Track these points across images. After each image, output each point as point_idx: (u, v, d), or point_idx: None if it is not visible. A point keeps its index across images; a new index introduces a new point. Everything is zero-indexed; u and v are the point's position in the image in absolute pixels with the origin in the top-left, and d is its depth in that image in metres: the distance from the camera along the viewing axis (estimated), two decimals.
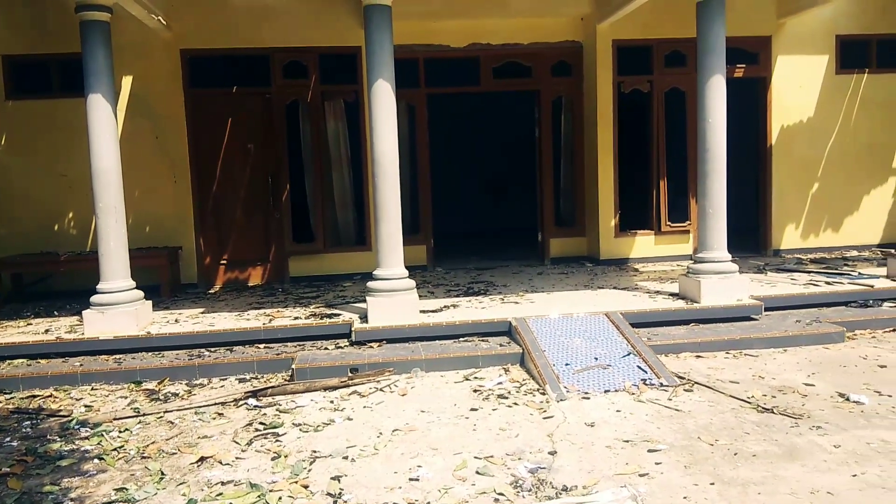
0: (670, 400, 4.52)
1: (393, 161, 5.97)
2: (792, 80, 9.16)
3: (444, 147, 13.89)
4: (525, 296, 7.00)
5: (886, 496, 3.13)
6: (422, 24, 8.74)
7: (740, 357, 5.48)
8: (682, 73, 8.86)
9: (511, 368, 5.34)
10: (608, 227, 9.12)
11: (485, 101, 13.50)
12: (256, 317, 6.47)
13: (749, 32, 8.95)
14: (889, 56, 9.26)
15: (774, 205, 9.29)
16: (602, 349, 5.38)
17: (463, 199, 14.54)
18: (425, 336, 5.85)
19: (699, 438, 3.86)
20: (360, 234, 8.95)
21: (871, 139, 9.35)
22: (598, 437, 3.91)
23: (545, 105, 9.36)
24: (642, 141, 9.23)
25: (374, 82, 5.91)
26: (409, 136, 9.12)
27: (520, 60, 9.18)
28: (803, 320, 6.10)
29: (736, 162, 9.55)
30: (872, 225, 9.48)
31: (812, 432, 3.90)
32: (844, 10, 9.06)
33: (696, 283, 6.29)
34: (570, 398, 4.61)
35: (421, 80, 9.00)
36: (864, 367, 5.09)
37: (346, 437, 4.06)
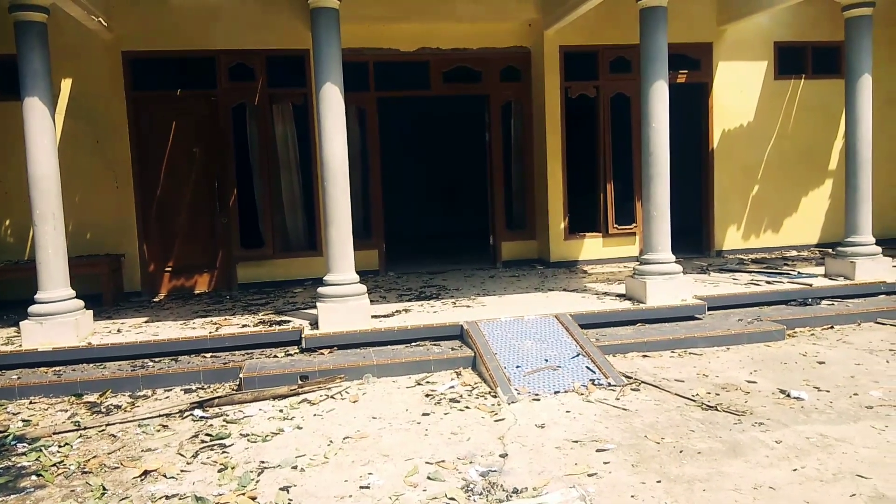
0: (618, 399, 4.59)
1: (342, 165, 5.92)
2: (732, 86, 9.45)
3: (396, 151, 13.92)
4: (477, 299, 7.03)
5: (824, 488, 3.24)
6: (371, 27, 8.71)
7: (685, 356, 5.61)
8: (627, 79, 9.04)
9: (463, 372, 5.36)
10: (558, 230, 9.23)
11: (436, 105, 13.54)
12: (203, 325, 6.32)
13: (691, 39, 9.20)
14: (824, 62, 9.63)
15: (717, 207, 9.57)
16: (552, 351, 5.43)
17: (416, 203, 14.54)
18: (377, 341, 5.82)
19: (646, 437, 3.93)
20: (311, 238, 8.85)
21: (809, 143, 9.71)
22: (549, 439, 3.95)
23: (495, 109, 9.43)
24: (590, 145, 9.38)
25: (322, 85, 5.86)
26: (360, 139, 9.08)
27: (469, 65, 9.23)
28: (745, 319, 6.29)
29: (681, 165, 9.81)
30: (810, 226, 9.84)
31: (754, 428, 4.01)
32: (781, 18, 9.40)
33: (642, 284, 6.42)
34: (521, 400, 4.64)
35: (371, 84, 8.96)
36: (803, 364, 5.27)
37: (295, 446, 4.00)
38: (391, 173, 13.39)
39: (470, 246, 11.38)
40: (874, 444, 3.71)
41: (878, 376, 4.89)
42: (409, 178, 14.60)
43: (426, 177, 14.84)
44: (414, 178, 14.68)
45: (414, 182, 14.68)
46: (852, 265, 7.06)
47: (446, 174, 14.86)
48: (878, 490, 3.18)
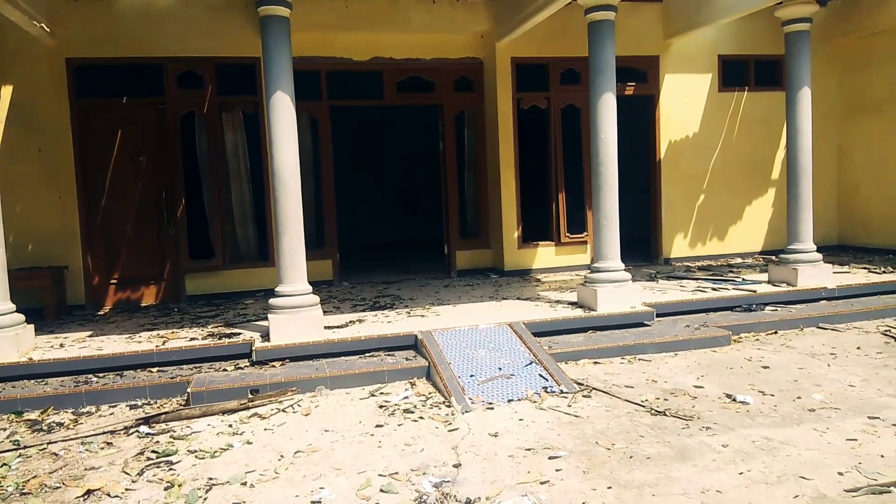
0: (570, 406, 4.64)
1: (294, 174, 5.86)
2: (678, 98, 9.71)
3: (351, 160, 13.87)
4: (431, 308, 7.03)
5: (769, 491, 3.33)
6: (323, 36, 8.67)
7: (634, 362, 5.72)
8: (576, 91, 9.19)
9: (417, 382, 5.34)
10: (511, 239, 9.31)
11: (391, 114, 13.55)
12: (149, 339, 6.16)
13: (638, 52, 9.41)
14: (766, 75, 9.97)
15: (664, 216, 9.79)
16: (506, 359, 5.47)
17: (371, 212, 14.50)
18: (330, 353, 5.76)
19: (597, 443, 3.98)
20: (262, 249, 8.72)
21: (752, 153, 10.02)
22: (502, 447, 3.97)
23: (448, 119, 9.48)
24: (542, 155, 9.50)
25: (272, 94, 5.80)
26: (313, 148, 9.01)
27: (423, 75, 9.26)
28: (692, 325, 6.44)
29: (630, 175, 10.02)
30: (754, 233, 10.15)
31: (702, 433, 4.10)
32: (725, 32, 9.70)
33: (593, 292, 6.52)
34: (475, 409, 4.65)
35: (323, 93, 8.90)
36: (748, 369, 5.42)
37: (245, 461, 3.92)
38: (346, 182, 13.41)
39: (425, 255, 11.38)
40: (816, 446, 3.83)
41: (819, 380, 5.06)
42: (365, 187, 14.56)
43: (381, 186, 14.82)
44: (369, 187, 14.65)
45: (369, 191, 14.64)
46: (794, 272, 7.30)
47: (402, 183, 14.87)
48: (819, 491, 3.29)
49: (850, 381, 4.98)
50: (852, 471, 3.48)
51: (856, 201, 10.19)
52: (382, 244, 13.90)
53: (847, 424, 4.14)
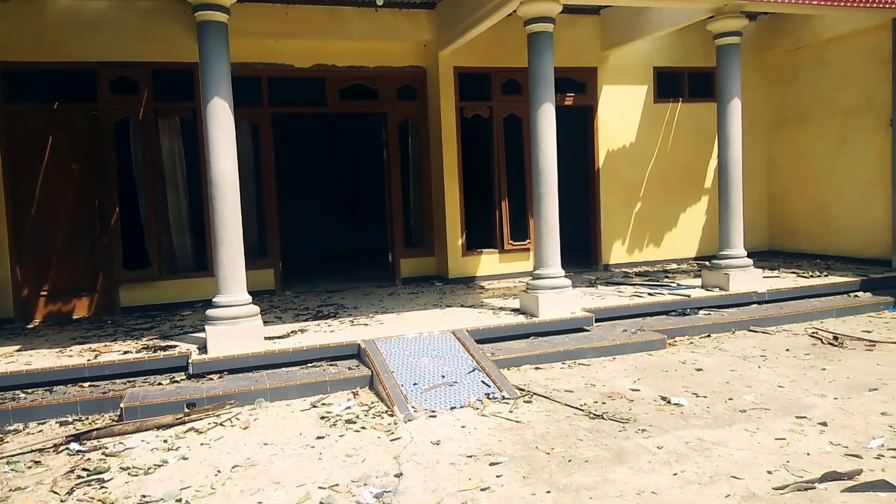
0: (511, 412, 4.69)
1: (232, 182, 5.76)
2: (616, 108, 9.96)
3: (295, 167, 13.72)
4: (375, 317, 7.00)
5: (702, 491, 3.43)
6: (263, 42, 8.57)
7: (574, 366, 5.82)
8: (518, 101, 9.31)
9: (360, 392, 5.30)
10: (456, 247, 9.36)
11: (335, 122, 13.49)
12: (81, 353, 5.93)
13: (577, 63, 9.62)
14: (699, 87, 10.32)
15: (603, 223, 10.01)
16: (449, 367, 5.49)
17: (316, 221, 14.35)
18: (271, 364, 5.66)
19: (537, 448, 4.03)
20: (201, 258, 8.52)
21: (686, 162, 10.35)
22: (444, 455, 3.98)
23: (392, 127, 9.48)
24: (486, 163, 9.59)
25: (209, 100, 5.69)
26: (254, 155, 8.87)
27: (366, 83, 9.24)
28: (629, 329, 6.60)
29: (571, 183, 10.23)
30: (689, 240, 10.47)
31: (638, 435, 4.20)
32: (660, 45, 10.00)
33: (535, 299, 6.61)
34: (418, 418, 4.65)
35: (264, 99, 8.79)
36: (683, 372, 5.59)
37: (180, 478, 3.82)
38: (289, 190, 13.23)
39: (370, 263, 11.33)
40: (747, 446, 3.97)
41: (750, 381, 5.25)
42: (309, 195, 14.41)
43: (326, 194, 14.70)
44: (314, 195, 14.50)
45: (314, 199, 14.49)
46: (726, 277, 7.56)
47: (347, 191, 14.78)
48: (749, 490, 3.41)
49: (779, 382, 5.18)
50: (781, 469, 3.62)
51: (785, 208, 10.64)
52: (327, 253, 13.77)
53: (776, 424, 4.30)
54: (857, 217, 9.31)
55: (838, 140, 9.55)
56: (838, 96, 9.51)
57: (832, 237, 9.75)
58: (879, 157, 8.90)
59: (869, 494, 3.28)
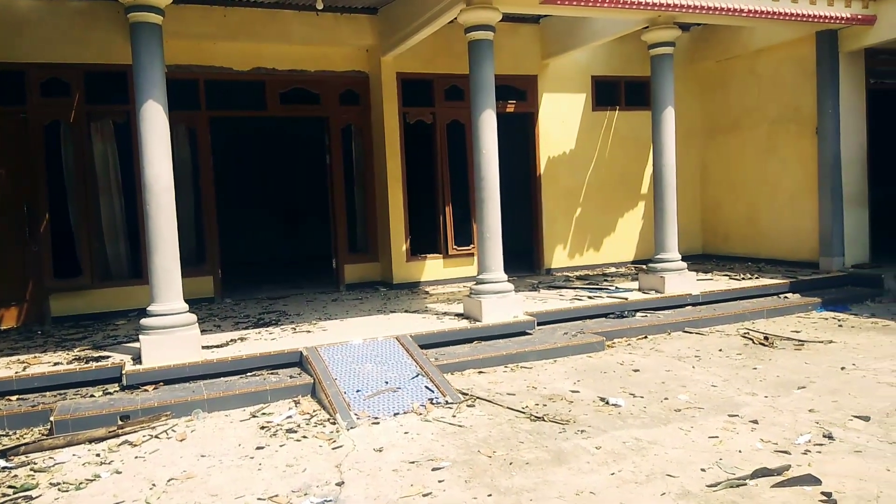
0: (454, 417, 4.71)
1: (167, 187, 5.62)
2: (556, 116, 10.14)
3: (236, 172, 13.46)
4: (318, 324, 6.93)
5: (639, 490, 3.52)
6: (201, 44, 8.40)
7: (517, 370, 5.88)
8: (460, 107, 9.36)
9: (302, 400, 5.23)
10: (400, 252, 9.35)
11: (278, 126, 13.29)
12: (8, 364, 5.67)
13: (518, 71, 9.76)
14: (635, 96, 10.60)
15: (545, 228, 10.17)
16: (393, 373, 5.47)
17: (258, 226, 14.11)
18: (209, 374, 5.53)
19: (479, 452, 4.06)
20: (135, 266, 8.26)
21: (623, 169, 10.62)
22: (386, 462, 3.96)
23: (335, 132, 9.41)
24: (429, 169, 9.62)
25: (143, 103, 5.53)
26: (192, 160, 8.68)
27: (307, 87, 9.16)
28: (570, 332, 6.72)
29: (514, 189, 10.36)
30: (627, 244, 10.74)
31: (577, 436, 4.28)
32: (597, 54, 10.24)
33: (478, 304, 6.66)
34: (361, 425, 4.62)
35: (202, 103, 8.61)
36: (621, 373, 5.71)
37: (113, 492, 3.70)
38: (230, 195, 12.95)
39: (313, 269, 11.21)
40: (682, 445, 4.09)
41: (685, 381, 5.40)
42: (252, 200, 14.16)
43: (269, 199, 14.46)
44: (256, 200, 14.26)
45: (256, 204, 14.25)
46: (662, 280, 7.78)
47: (290, 196, 14.58)
48: (684, 487, 3.51)
49: (712, 382, 5.35)
50: (714, 467, 3.74)
51: (718, 213, 11.02)
52: (270, 259, 13.55)
53: (709, 423, 4.44)
54: (786, 221, 9.72)
55: (768, 147, 9.96)
56: (767, 105, 9.92)
57: (763, 241, 10.16)
58: (807, 164, 9.31)
59: (796, 489, 3.42)
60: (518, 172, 10.47)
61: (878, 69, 9.26)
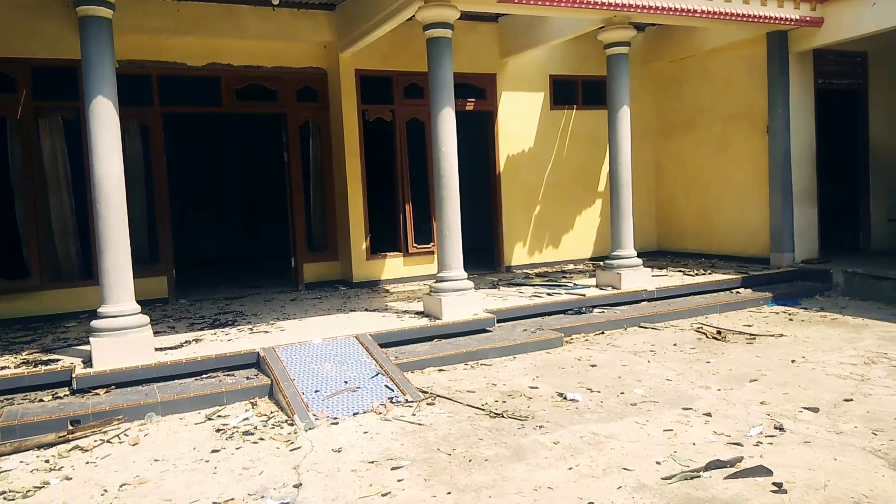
0: (414, 415, 4.71)
1: (117, 185, 5.47)
2: (515, 114, 10.20)
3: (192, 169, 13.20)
4: (276, 324, 6.84)
5: (596, 484, 3.56)
6: (154, 39, 8.22)
7: (477, 367, 5.91)
8: (420, 105, 9.34)
9: (259, 402, 5.16)
10: (360, 251, 9.30)
11: (236, 123, 13.08)
12: None
13: (477, 69, 9.78)
14: (592, 95, 10.71)
15: (505, 226, 10.23)
16: (352, 372, 5.44)
17: (215, 224, 13.87)
18: (163, 376, 5.40)
19: (439, 450, 4.06)
20: (87, 266, 8.04)
21: (581, 167, 10.74)
22: (345, 462, 3.93)
23: (293, 129, 9.29)
24: (389, 167, 9.58)
25: (92, 99, 5.38)
26: (144, 157, 8.48)
27: (264, 83, 9.02)
28: (529, 329, 6.77)
29: (474, 187, 10.40)
30: (585, 241, 10.86)
31: (536, 432, 4.32)
32: (555, 53, 10.33)
33: (438, 301, 6.66)
34: (319, 425, 4.58)
35: (155, 99, 8.42)
36: (578, 368, 5.78)
37: (62, 500, 3.59)
38: (186, 193, 12.73)
39: (272, 268, 11.07)
40: (637, 438, 4.16)
41: (641, 375, 5.50)
42: (208, 198, 13.92)
43: (227, 197, 14.22)
44: (214, 197, 14.01)
45: (214, 202, 14.00)
46: (618, 276, 7.89)
47: (248, 194, 14.36)
48: (640, 481, 3.57)
49: (667, 376, 5.45)
50: (668, 459, 3.81)
51: (672, 210, 11.23)
52: (227, 258, 13.33)
53: (664, 416, 4.53)
54: (738, 218, 9.96)
55: (720, 146, 10.19)
56: (720, 104, 10.14)
57: (715, 237, 10.39)
58: (758, 162, 9.55)
59: (749, 480, 3.51)
60: (478, 170, 10.50)
61: (825, 69, 9.54)
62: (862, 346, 6.05)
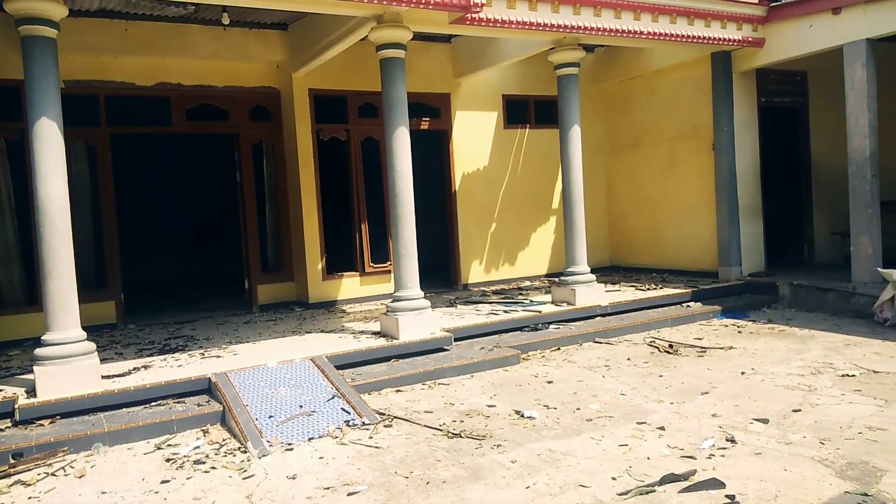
0: (371, 438, 4.65)
1: (62, 208, 5.31)
2: (469, 133, 10.29)
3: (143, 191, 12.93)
4: (229, 348, 6.71)
5: (552, 501, 3.57)
6: (101, 59, 8.07)
7: (434, 387, 5.88)
8: (375, 124, 9.34)
9: (211, 429, 5.04)
10: (316, 271, 9.21)
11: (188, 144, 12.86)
12: None
13: (431, 89, 9.85)
14: (544, 114, 10.87)
15: (461, 244, 10.27)
16: (307, 395, 5.36)
17: (166, 247, 13.56)
18: (110, 405, 5.23)
19: (396, 473, 4.02)
20: (31, 292, 7.76)
21: (535, 185, 10.87)
22: (300, 490, 3.86)
23: (245, 149, 9.19)
24: (345, 186, 9.54)
25: (35, 120, 5.23)
26: (91, 179, 8.28)
27: (215, 103, 8.92)
28: (486, 347, 6.78)
29: (431, 206, 10.42)
30: (540, 258, 10.97)
31: (493, 451, 4.31)
32: (508, 74, 10.48)
33: (395, 321, 6.63)
34: (274, 452, 4.49)
35: (102, 119, 8.25)
36: (535, 385, 5.81)
37: None
38: (136, 214, 12.45)
39: (225, 290, 10.87)
40: (593, 454, 4.19)
41: (596, 390, 5.55)
42: (160, 219, 13.62)
43: (179, 218, 13.94)
44: (165, 219, 13.72)
45: (165, 224, 13.71)
46: (573, 292, 7.99)
47: (201, 215, 14.11)
48: (596, 497, 3.59)
49: (621, 390, 5.52)
50: (624, 474, 3.85)
51: (624, 227, 11.44)
52: (179, 280, 13.04)
53: (619, 431, 4.58)
54: (687, 233, 10.20)
55: (668, 163, 10.45)
56: (667, 123, 10.41)
57: (666, 252, 10.62)
58: (704, 179, 9.81)
59: (702, 493, 3.56)
60: (434, 189, 10.53)
61: (768, 88, 9.89)
62: (809, 357, 6.23)
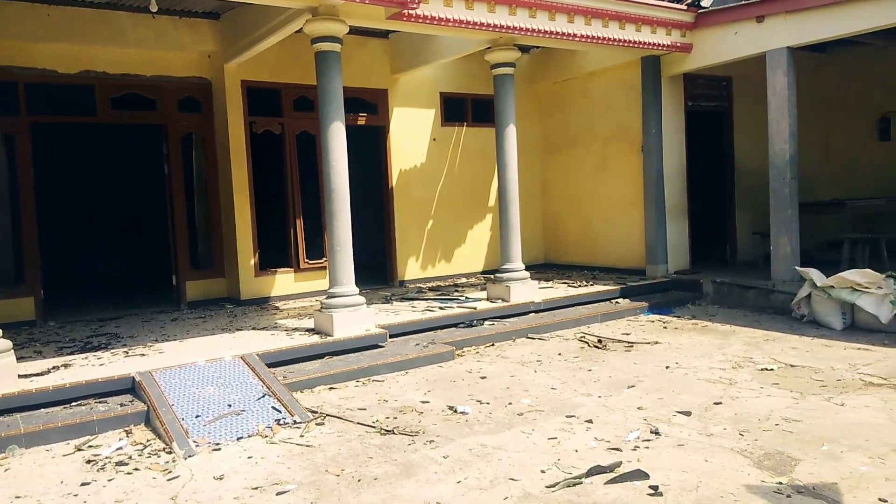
0: (302, 437, 4.60)
1: None
2: (407, 130, 10.27)
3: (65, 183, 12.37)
4: (154, 346, 6.51)
5: (484, 496, 3.61)
6: (22, 45, 7.72)
7: (369, 384, 5.86)
8: (310, 118, 9.19)
9: (135, 430, 4.87)
10: (248, 267, 9.02)
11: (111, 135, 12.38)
12: None
13: (368, 85, 9.79)
14: (481, 113, 10.95)
15: (398, 240, 10.25)
16: (237, 394, 5.25)
17: (89, 242, 13.02)
18: (27, 405, 4.99)
19: (327, 471, 4.00)
20: None
21: (472, 182, 10.95)
22: (227, 490, 3.79)
23: (174, 141, 8.92)
24: (279, 181, 9.37)
25: None
26: (9, 170, 7.88)
27: (142, 92, 8.62)
28: (422, 343, 6.80)
29: (367, 202, 10.35)
30: (476, 255, 11.07)
31: (426, 447, 4.33)
32: (445, 72, 10.51)
33: (329, 318, 6.57)
34: (200, 452, 4.38)
35: (21, 107, 7.87)
36: (469, 381, 5.86)
37: None
38: (58, 208, 11.91)
39: (152, 287, 10.51)
40: (524, 448, 4.26)
41: (528, 385, 5.64)
42: (83, 213, 13.06)
43: (104, 212, 13.39)
44: (89, 213, 13.16)
45: (89, 218, 13.15)
46: (508, 289, 8.09)
47: (127, 209, 13.59)
48: (525, 490, 3.65)
49: (552, 385, 5.62)
50: (553, 467, 3.93)
51: (558, 225, 11.66)
52: (104, 276, 12.54)
53: (549, 424, 4.67)
54: (617, 232, 10.48)
55: (600, 164, 10.70)
56: (599, 125, 10.66)
57: (597, 250, 10.88)
58: (634, 180, 10.10)
59: (627, 484, 3.67)
60: (371, 185, 10.47)
61: (695, 93, 10.24)
62: (730, 352, 6.49)
